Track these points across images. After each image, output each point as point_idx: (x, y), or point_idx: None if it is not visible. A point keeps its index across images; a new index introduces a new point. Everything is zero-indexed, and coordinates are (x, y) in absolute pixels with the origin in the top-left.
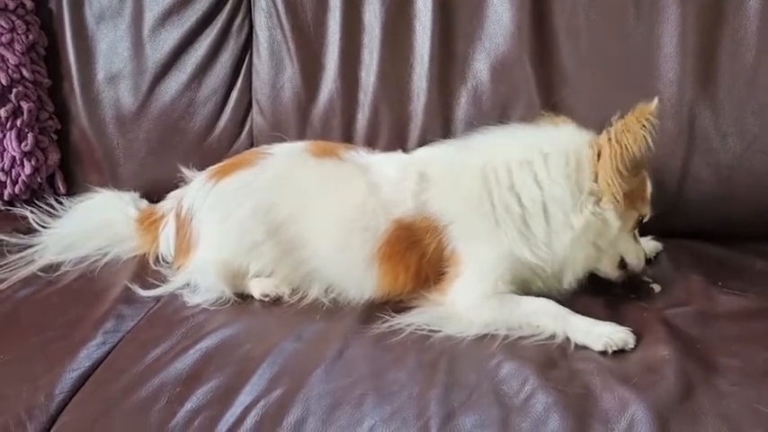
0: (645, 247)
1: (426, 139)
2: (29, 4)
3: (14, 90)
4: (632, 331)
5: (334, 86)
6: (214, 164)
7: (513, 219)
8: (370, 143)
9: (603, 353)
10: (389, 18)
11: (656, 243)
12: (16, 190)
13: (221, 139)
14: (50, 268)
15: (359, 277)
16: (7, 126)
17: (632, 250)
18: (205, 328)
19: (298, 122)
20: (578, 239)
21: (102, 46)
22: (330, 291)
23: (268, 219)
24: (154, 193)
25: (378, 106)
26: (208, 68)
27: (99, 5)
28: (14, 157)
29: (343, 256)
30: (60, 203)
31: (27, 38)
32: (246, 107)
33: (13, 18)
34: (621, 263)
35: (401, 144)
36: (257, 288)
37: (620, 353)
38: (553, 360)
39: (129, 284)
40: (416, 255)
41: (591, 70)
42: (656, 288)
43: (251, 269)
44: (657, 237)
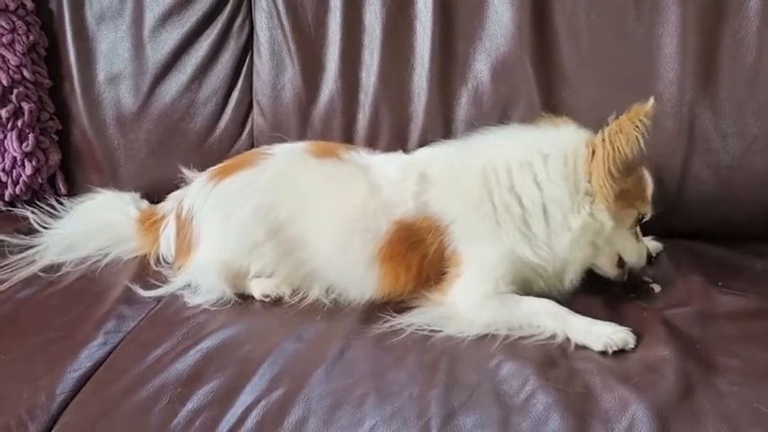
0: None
1: (427, 140)
2: (29, 4)
3: (15, 91)
4: (632, 331)
5: (334, 87)
6: (215, 164)
7: (514, 219)
8: (371, 144)
9: (604, 353)
10: (390, 18)
11: (657, 243)
12: (17, 190)
13: (222, 140)
14: (51, 269)
15: (360, 278)
16: (8, 127)
17: (630, 248)
18: (206, 328)
19: (298, 123)
20: (577, 240)
21: (103, 47)
22: (331, 291)
23: (269, 219)
24: (154, 194)
25: (378, 107)
26: (208, 69)
27: (99, 6)
28: (15, 158)
29: (344, 256)
30: (61, 204)
31: (28, 38)
32: (247, 108)
33: (14, 19)
34: (620, 261)
35: (402, 144)
36: (258, 288)
37: (621, 353)
38: (553, 360)
39: (129, 285)
40: (418, 255)
41: (591, 70)
42: (657, 288)
43: (252, 270)
44: (657, 237)
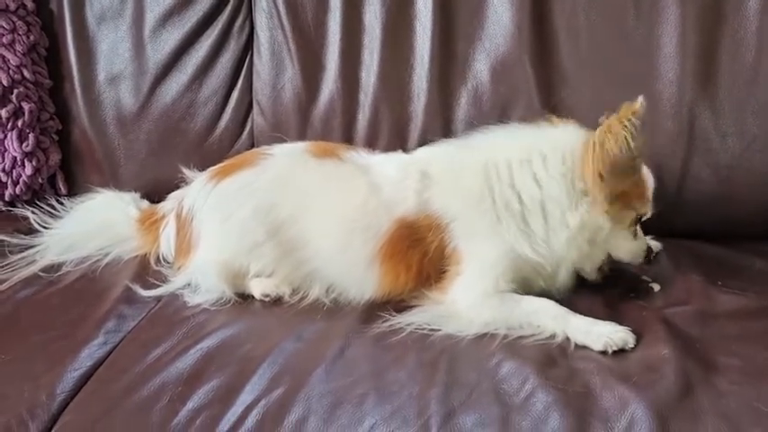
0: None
1: (427, 140)
2: (30, 5)
3: (15, 91)
4: (632, 330)
5: (334, 87)
6: (215, 164)
7: (514, 216)
8: (371, 144)
9: (603, 352)
10: (390, 19)
11: (656, 243)
12: (17, 190)
13: (222, 140)
14: (52, 268)
15: (360, 277)
16: (8, 127)
17: (625, 247)
18: (206, 327)
19: (298, 123)
20: (574, 238)
21: (103, 47)
22: (331, 291)
23: (269, 219)
24: (155, 194)
25: (378, 107)
26: (208, 69)
27: (100, 6)
28: (15, 158)
29: (345, 255)
30: (61, 204)
31: (28, 39)
32: (247, 108)
33: (14, 19)
34: (602, 265)
35: (401, 144)
36: (258, 288)
37: (620, 352)
38: (553, 359)
39: (130, 284)
40: (418, 253)
41: (591, 70)
42: (656, 287)
43: (252, 269)
44: (657, 236)
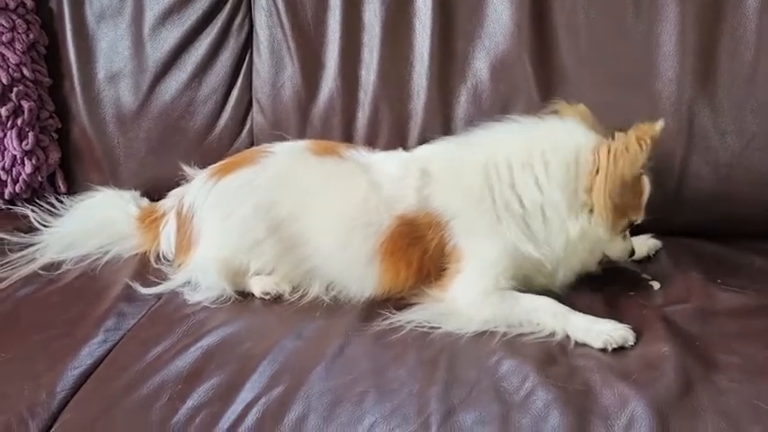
0: (645, 245)
1: (426, 138)
2: (29, 3)
3: (15, 89)
4: (632, 328)
5: (334, 85)
6: (215, 162)
7: (514, 217)
8: (371, 142)
9: (603, 350)
10: (389, 17)
11: (656, 241)
12: (17, 189)
13: (222, 138)
14: (51, 267)
15: (360, 274)
16: (8, 125)
17: (615, 248)
18: (206, 325)
19: (298, 121)
20: (574, 245)
21: (103, 45)
22: (331, 288)
23: (269, 217)
24: (155, 192)
25: (378, 105)
26: (208, 67)
27: (99, 4)
28: (15, 156)
29: (345, 253)
30: (61, 202)
31: (27, 37)
32: (247, 106)
33: (14, 17)
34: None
35: (401, 142)
36: (258, 286)
37: (620, 350)
38: (553, 357)
39: (130, 282)
40: (419, 250)
41: (590, 69)
42: (656, 285)
43: (252, 267)
44: (656, 235)
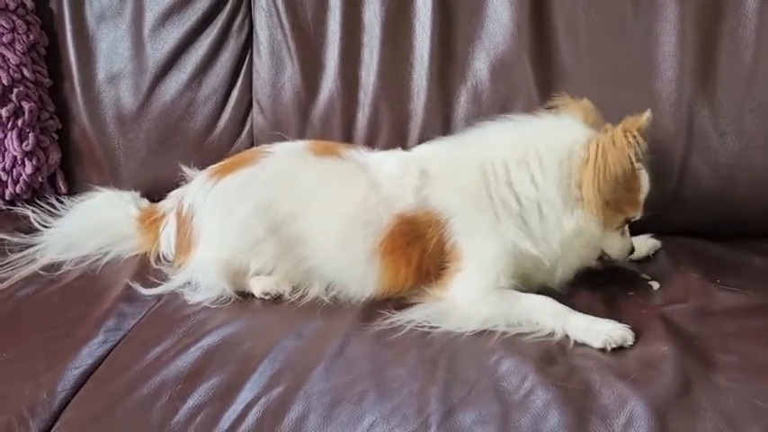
0: (644, 244)
1: (426, 138)
2: (29, 3)
3: (15, 90)
4: (631, 328)
5: (334, 86)
6: (215, 163)
7: (512, 214)
8: (371, 142)
9: (602, 350)
10: (389, 17)
11: (655, 241)
12: (17, 189)
13: (222, 139)
14: (52, 267)
15: (360, 273)
16: (8, 126)
17: (613, 245)
18: (206, 326)
19: (298, 122)
20: (569, 241)
21: (103, 46)
22: (331, 288)
23: (269, 217)
24: (155, 192)
25: (378, 105)
26: (208, 68)
27: (99, 5)
28: (16, 157)
29: (345, 252)
30: (61, 203)
31: (28, 38)
32: (247, 106)
33: (14, 18)
34: (601, 255)
35: (401, 143)
36: (258, 286)
37: (619, 349)
38: (552, 356)
39: (130, 283)
40: (418, 249)
41: (590, 68)
42: (655, 285)
43: (252, 267)
44: (656, 234)
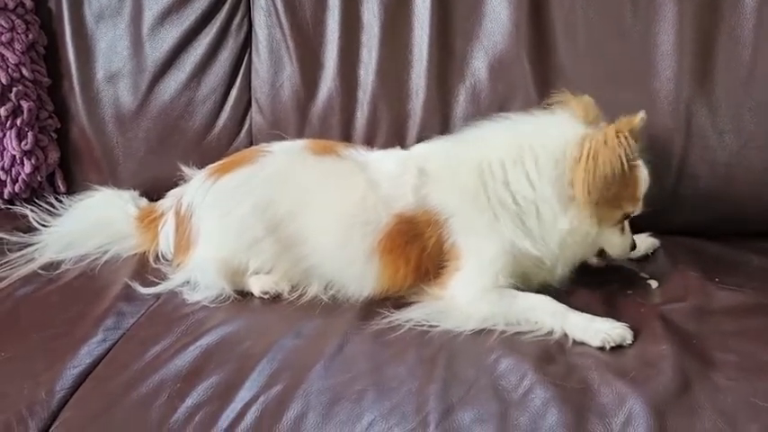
0: (643, 243)
1: (425, 137)
2: (28, 3)
3: (14, 89)
4: (630, 327)
5: (333, 85)
6: (213, 162)
7: (510, 214)
8: (370, 141)
9: (601, 348)
10: (388, 16)
11: (653, 240)
12: (16, 188)
13: (221, 138)
14: (51, 266)
15: (359, 272)
16: (7, 125)
17: (613, 243)
18: (205, 325)
19: (297, 121)
20: (565, 239)
21: (102, 45)
22: (330, 287)
23: (267, 216)
24: (153, 192)
25: (377, 104)
26: (207, 67)
27: (98, 4)
28: (14, 156)
29: (344, 251)
30: (60, 202)
31: (27, 37)
32: (246, 106)
33: (13, 17)
34: (601, 252)
35: (400, 142)
36: (257, 285)
37: (618, 348)
38: (551, 355)
39: (129, 282)
40: (417, 248)
41: (588, 67)
42: (654, 284)
43: (250, 266)
44: (654, 233)
